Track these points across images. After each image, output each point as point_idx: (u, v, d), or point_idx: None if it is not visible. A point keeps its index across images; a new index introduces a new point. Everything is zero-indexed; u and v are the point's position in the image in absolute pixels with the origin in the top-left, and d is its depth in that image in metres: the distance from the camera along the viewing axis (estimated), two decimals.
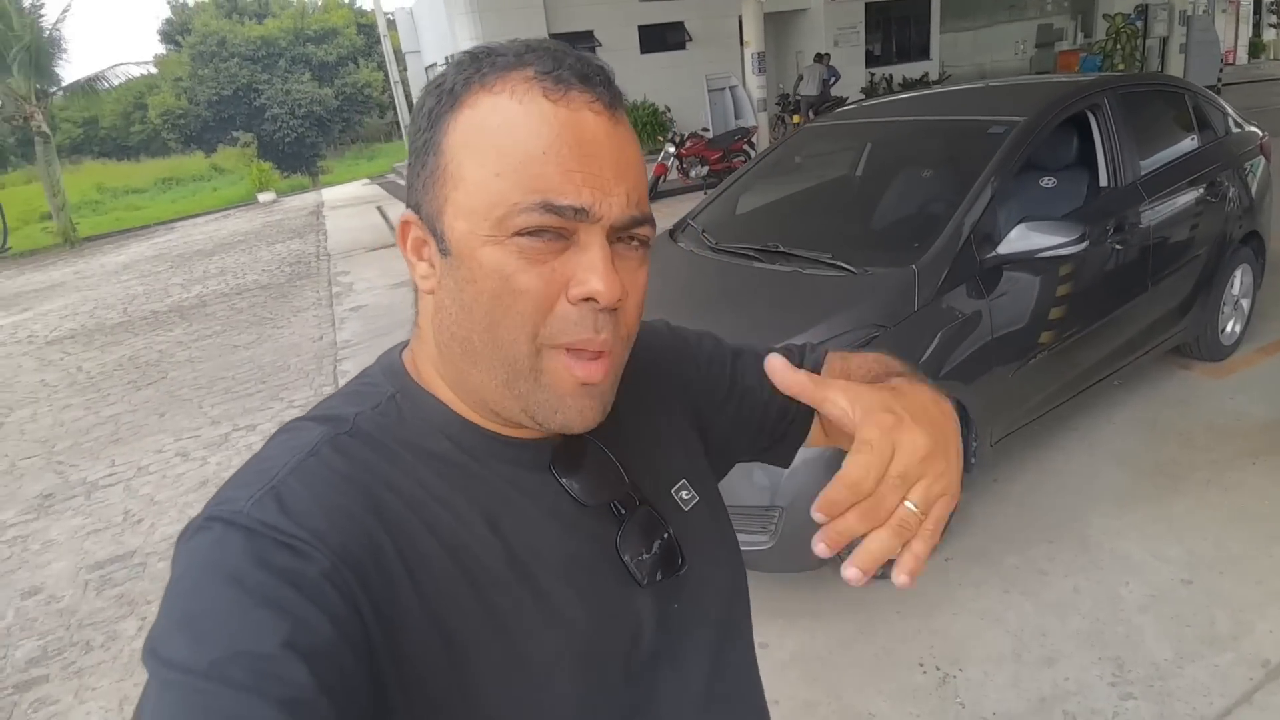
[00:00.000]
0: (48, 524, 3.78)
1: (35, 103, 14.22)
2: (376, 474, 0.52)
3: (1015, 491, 2.91)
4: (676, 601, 0.63)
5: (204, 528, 0.48)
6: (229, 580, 0.44)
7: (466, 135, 0.51)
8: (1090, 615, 2.30)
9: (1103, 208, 3.00)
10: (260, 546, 0.45)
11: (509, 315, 0.51)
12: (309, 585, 0.44)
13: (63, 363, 6.62)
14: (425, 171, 0.53)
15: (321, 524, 0.47)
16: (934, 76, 16.96)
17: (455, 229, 0.51)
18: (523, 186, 0.49)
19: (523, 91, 0.50)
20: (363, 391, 0.59)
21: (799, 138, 4.01)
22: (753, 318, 2.62)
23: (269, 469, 0.51)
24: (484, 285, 0.51)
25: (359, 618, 0.46)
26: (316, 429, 0.54)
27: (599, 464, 0.61)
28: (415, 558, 0.51)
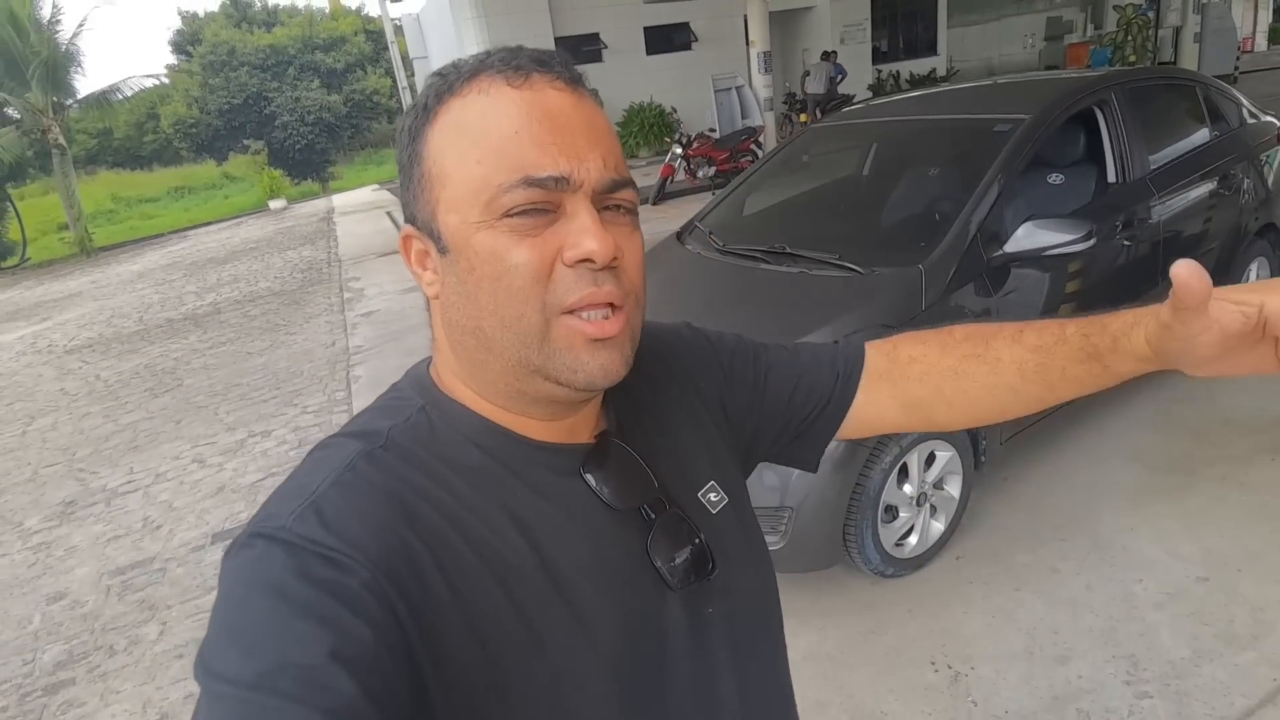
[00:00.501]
0: (70, 530, 3.84)
1: (52, 116, 14.42)
2: (411, 486, 0.54)
3: (1026, 489, 2.90)
4: (710, 606, 0.64)
5: (248, 544, 0.49)
6: (274, 594, 0.45)
7: (444, 137, 0.54)
8: (1103, 613, 2.29)
9: (1111, 204, 2.99)
10: (302, 560, 0.47)
11: (511, 291, 0.52)
12: (350, 596, 0.46)
13: (81, 371, 6.71)
14: (413, 183, 0.56)
15: (360, 536, 0.49)
16: (941, 72, 16.88)
17: (449, 224, 0.54)
18: (503, 168, 0.51)
19: (487, 86, 0.53)
20: (394, 406, 0.60)
21: (805, 138, 4.02)
22: (760, 319, 2.63)
23: (308, 484, 0.52)
24: (483, 270, 0.53)
25: (398, 625, 0.48)
26: (352, 445, 0.55)
27: (628, 467, 0.62)
28: (451, 565, 0.52)
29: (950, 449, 2.54)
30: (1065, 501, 2.81)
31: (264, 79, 27.30)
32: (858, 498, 2.34)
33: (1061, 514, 2.74)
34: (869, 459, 2.32)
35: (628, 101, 14.18)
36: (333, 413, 4.78)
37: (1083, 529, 2.65)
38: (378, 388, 3.19)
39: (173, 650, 2.79)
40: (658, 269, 3.27)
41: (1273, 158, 3.70)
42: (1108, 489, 2.84)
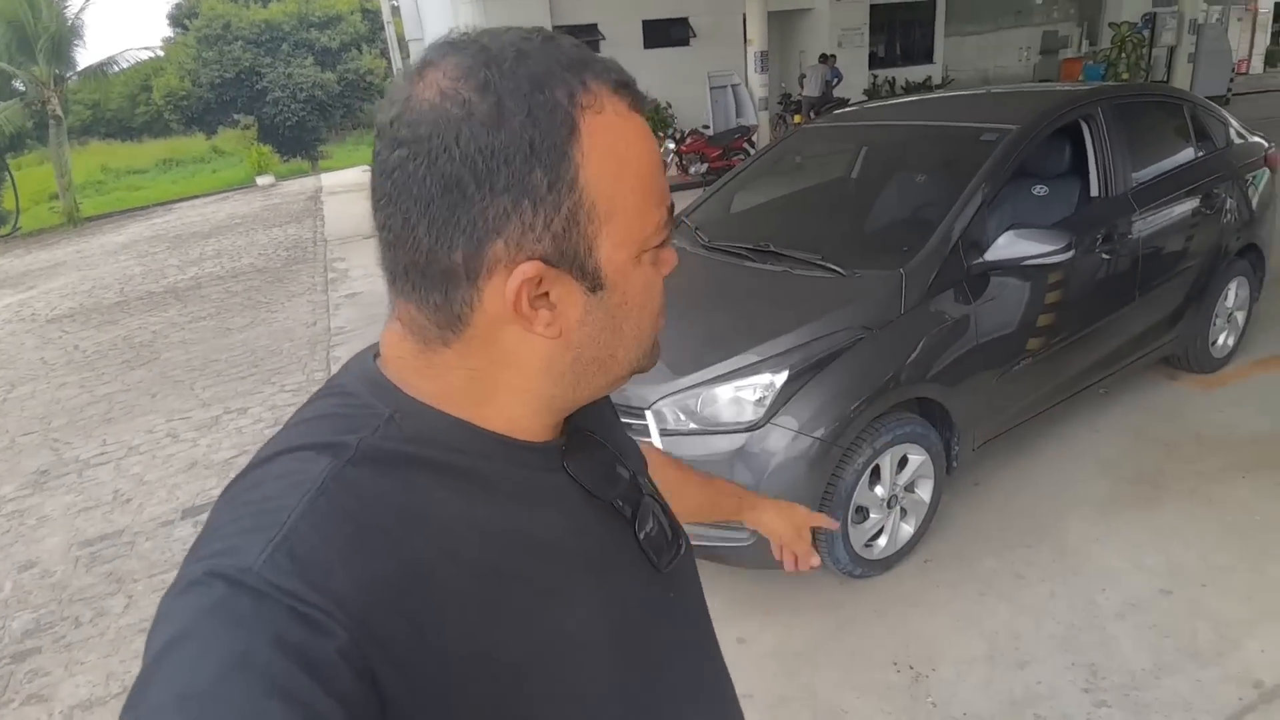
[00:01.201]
0: (43, 500, 3.81)
1: (53, 88, 14.40)
2: (392, 507, 0.49)
3: (996, 495, 2.94)
4: (675, 589, 0.66)
5: (203, 583, 0.43)
6: (236, 659, 0.39)
7: (605, 164, 0.49)
8: (1065, 620, 2.32)
9: (1092, 217, 3.02)
10: (273, 617, 0.41)
11: (652, 315, 0.56)
12: (324, 667, 0.40)
13: (61, 341, 6.64)
14: (559, 215, 0.48)
15: (342, 586, 0.43)
16: (937, 80, 16.94)
17: (614, 261, 0.51)
18: (656, 199, 0.52)
19: (619, 108, 0.50)
20: (352, 415, 0.53)
21: (795, 138, 4.03)
22: (742, 316, 2.63)
23: (275, 511, 0.46)
24: (634, 301, 0.53)
25: (375, 695, 0.43)
26: (319, 460, 0.49)
27: (605, 459, 0.62)
28: (446, 597, 0.48)
29: (923, 453, 2.56)
30: (1034, 509, 2.84)
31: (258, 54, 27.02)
32: (829, 498, 2.35)
33: (1030, 521, 2.77)
34: (841, 460, 2.34)
35: None
36: (310, 392, 4.73)
37: (1049, 537, 2.68)
38: None
39: (137, 624, 2.77)
40: None
41: (1259, 179, 3.74)
42: (1077, 498, 2.88)
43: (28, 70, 14.33)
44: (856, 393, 2.35)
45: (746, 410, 2.32)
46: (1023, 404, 2.89)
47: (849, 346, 2.39)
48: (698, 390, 2.36)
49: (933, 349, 2.53)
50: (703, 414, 2.35)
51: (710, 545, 2.35)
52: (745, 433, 2.31)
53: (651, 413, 2.38)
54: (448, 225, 0.47)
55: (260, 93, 26.96)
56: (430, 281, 0.50)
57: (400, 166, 0.47)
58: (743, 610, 2.49)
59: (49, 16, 14.33)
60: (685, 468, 1.00)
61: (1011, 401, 2.84)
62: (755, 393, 2.33)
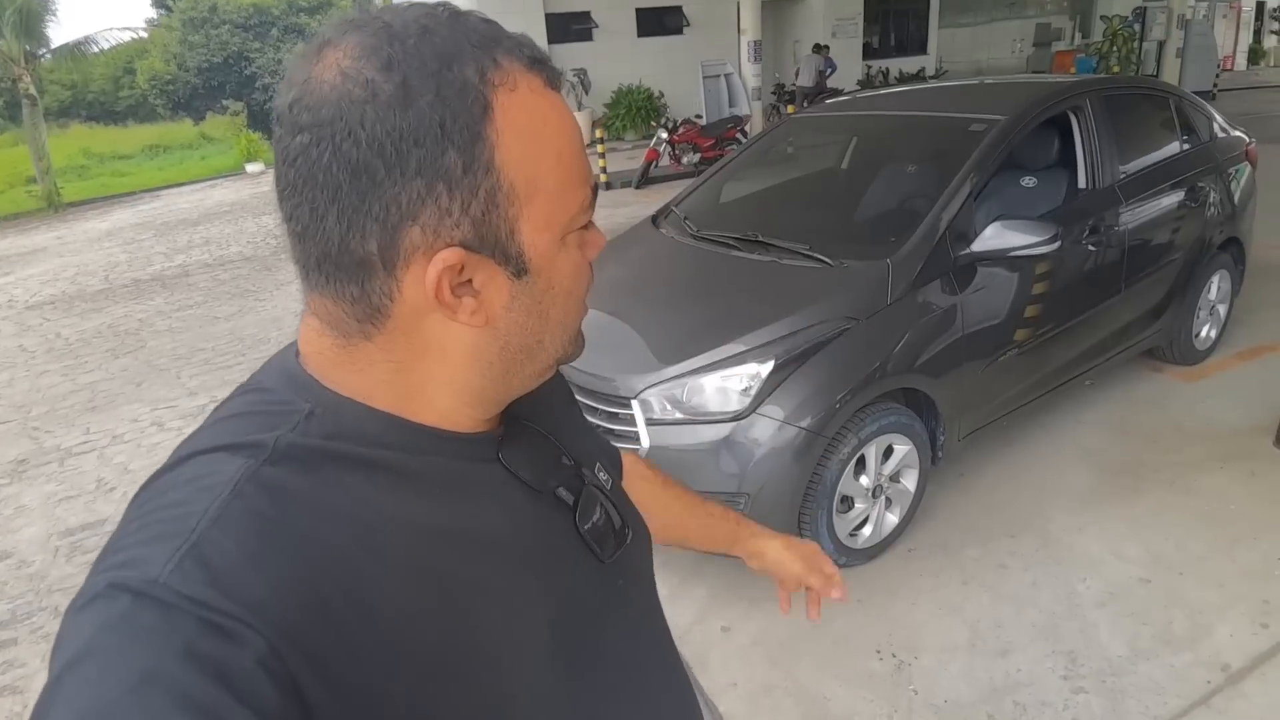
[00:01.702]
0: (21, 489, 3.76)
1: (24, 65, 13.98)
2: (312, 507, 0.46)
3: (980, 486, 2.95)
4: (622, 578, 0.64)
5: (105, 596, 0.40)
6: (142, 675, 0.36)
7: (522, 143, 0.47)
8: (1046, 609, 2.34)
9: (1079, 209, 3.03)
10: (183, 629, 0.38)
11: (577, 301, 0.54)
12: (240, 679, 0.38)
13: (42, 328, 6.55)
14: (477, 198, 0.46)
15: (256, 591, 0.40)
16: (931, 71, 16.95)
17: (538, 244, 0.49)
18: (577, 178, 0.51)
19: (535, 83, 0.48)
20: (269, 411, 0.50)
21: (785, 128, 4.02)
22: (729, 306, 2.63)
23: (184, 517, 0.43)
24: (561, 286, 0.52)
25: (299, 702, 0.40)
26: (233, 461, 0.46)
27: (543, 448, 0.60)
28: (372, 597, 0.45)
29: (908, 443, 2.57)
30: (1017, 499, 2.86)
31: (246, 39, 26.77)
32: (814, 487, 2.36)
33: (1013, 511, 2.79)
34: (827, 449, 2.35)
35: (616, 83, 14.08)
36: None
37: (1033, 527, 2.70)
38: None
39: None
40: (630, 251, 3.26)
41: (1240, 173, 3.77)
42: (1059, 489, 2.90)
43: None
44: (842, 383, 2.36)
45: (732, 400, 2.32)
46: (1008, 395, 2.90)
47: (835, 336, 2.39)
48: (684, 380, 2.36)
49: (919, 339, 2.53)
50: (689, 403, 2.35)
51: None
52: (731, 422, 2.31)
53: (638, 402, 2.37)
54: (359, 213, 0.45)
55: (249, 78, 26.73)
56: (345, 273, 0.47)
57: (303, 153, 0.45)
58: (727, 599, 2.49)
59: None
60: (676, 485, 0.96)
61: (997, 393, 2.85)
62: (741, 382, 2.33)
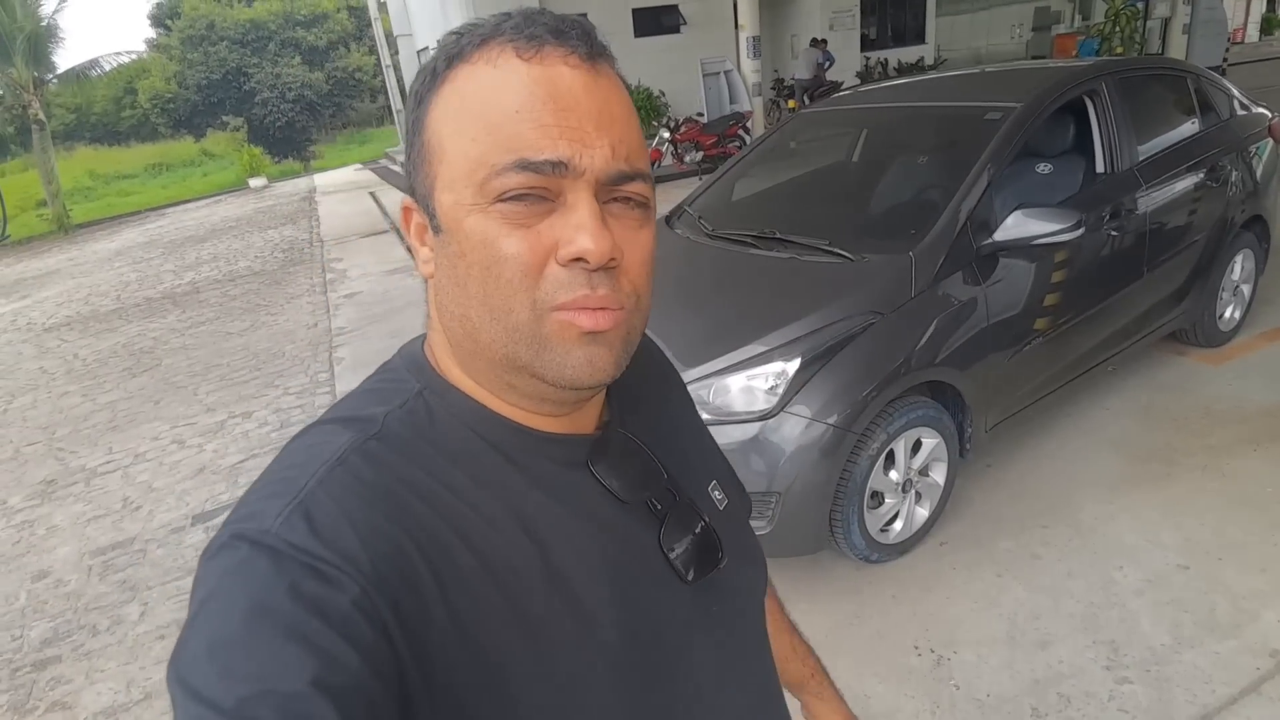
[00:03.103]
0: (51, 510, 3.80)
1: (33, 91, 14.13)
2: (408, 482, 0.50)
3: (1010, 477, 2.93)
4: (716, 603, 0.62)
5: (229, 545, 0.45)
6: (257, 610, 0.42)
7: (446, 107, 0.50)
8: (1084, 599, 2.32)
9: (1099, 194, 3.00)
10: (289, 572, 0.43)
11: (499, 284, 0.49)
12: (338, 616, 0.43)
13: (60, 350, 6.60)
14: (414, 152, 0.53)
15: (352, 544, 0.45)
16: (930, 61, 16.88)
17: (443, 203, 0.50)
18: (499, 147, 0.48)
19: (496, 55, 0.50)
20: (388, 389, 0.56)
21: (795, 124, 4.00)
22: (750, 305, 2.62)
23: (295, 479, 0.48)
24: (473, 257, 0.49)
25: (389, 645, 0.44)
26: (344, 434, 0.51)
27: (635, 458, 0.59)
28: (448, 573, 0.48)
29: (936, 436, 2.55)
30: (1048, 489, 2.84)
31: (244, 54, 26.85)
32: (844, 484, 2.35)
33: (1044, 501, 2.77)
34: (856, 446, 2.33)
35: None
36: (315, 394, 4.73)
37: (1064, 516, 2.68)
38: (360, 369, 3.17)
39: (154, 631, 2.76)
40: None
41: (1262, 149, 3.70)
42: (1090, 477, 2.88)
43: (4, 73, 14.01)
44: (869, 378, 2.34)
45: (759, 399, 2.31)
46: (1034, 384, 2.88)
47: (860, 332, 2.37)
48: (709, 380, 2.35)
49: (944, 332, 2.51)
50: (715, 404, 2.34)
51: None
52: (759, 421, 2.30)
53: None
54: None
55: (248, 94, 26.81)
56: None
57: None
58: None
59: (24, 16, 13.97)
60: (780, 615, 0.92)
61: (1023, 382, 2.83)
62: (768, 381, 2.31)
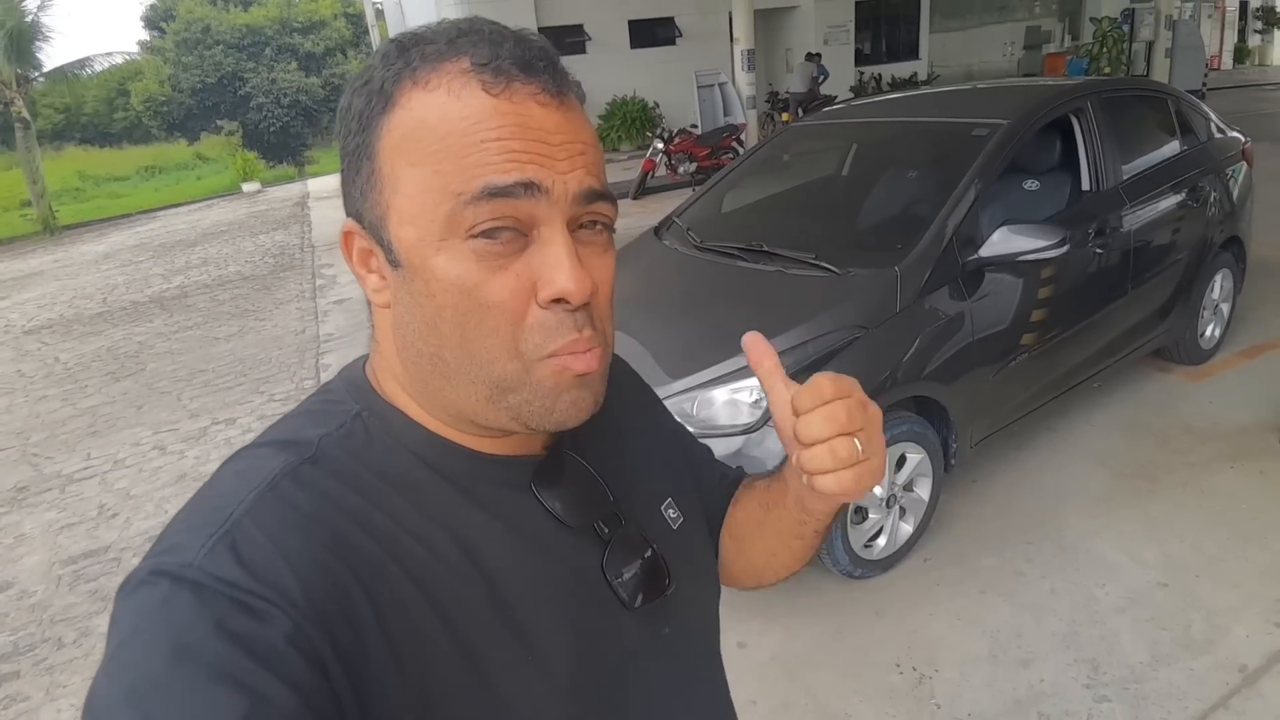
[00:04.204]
0: (21, 517, 3.73)
1: (15, 88, 13.97)
2: (344, 509, 0.47)
3: (994, 492, 2.93)
4: (667, 626, 0.60)
5: (148, 581, 0.43)
6: (180, 651, 0.39)
7: (403, 136, 0.47)
8: (1066, 617, 2.31)
9: (1084, 211, 3.02)
10: (214, 607, 0.41)
11: (482, 333, 0.47)
12: (269, 653, 0.40)
13: (40, 353, 6.52)
14: (361, 178, 0.50)
15: (284, 575, 0.43)
16: (923, 76, 17.02)
17: (403, 237, 0.48)
18: (464, 174, 0.45)
19: (459, 86, 0.46)
20: (325, 410, 0.54)
21: (785, 136, 4.01)
22: (735, 317, 2.61)
23: (221, 508, 0.46)
24: (445, 299, 0.47)
25: (326, 681, 0.42)
26: (275, 457, 0.49)
27: (582, 481, 0.58)
28: (387, 604, 0.46)
29: (921, 451, 2.54)
30: (1032, 505, 2.83)
31: (239, 59, 26.81)
32: None
33: (1028, 517, 2.77)
34: None
35: (610, 95, 14.11)
36: (300, 401, 4.68)
37: (1048, 533, 2.68)
38: None
39: None
40: (634, 264, 3.24)
41: (1237, 172, 3.77)
42: (1074, 493, 2.88)
43: None
44: None
45: (743, 412, 2.30)
46: (1019, 400, 2.88)
47: (845, 346, 2.37)
48: (693, 393, 2.34)
49: (929, 346, 2.51)
50: (699, 417, 2.33)
51: None
52: (742, 435, 2.28)
53: None
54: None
55: (244, 98, 26.76)
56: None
57: None
58: (742, 614, 2.46)
59: (4, 11, 13.65)
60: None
61: (1008, 398, 2.83)
62: (751, 395, 2.30)
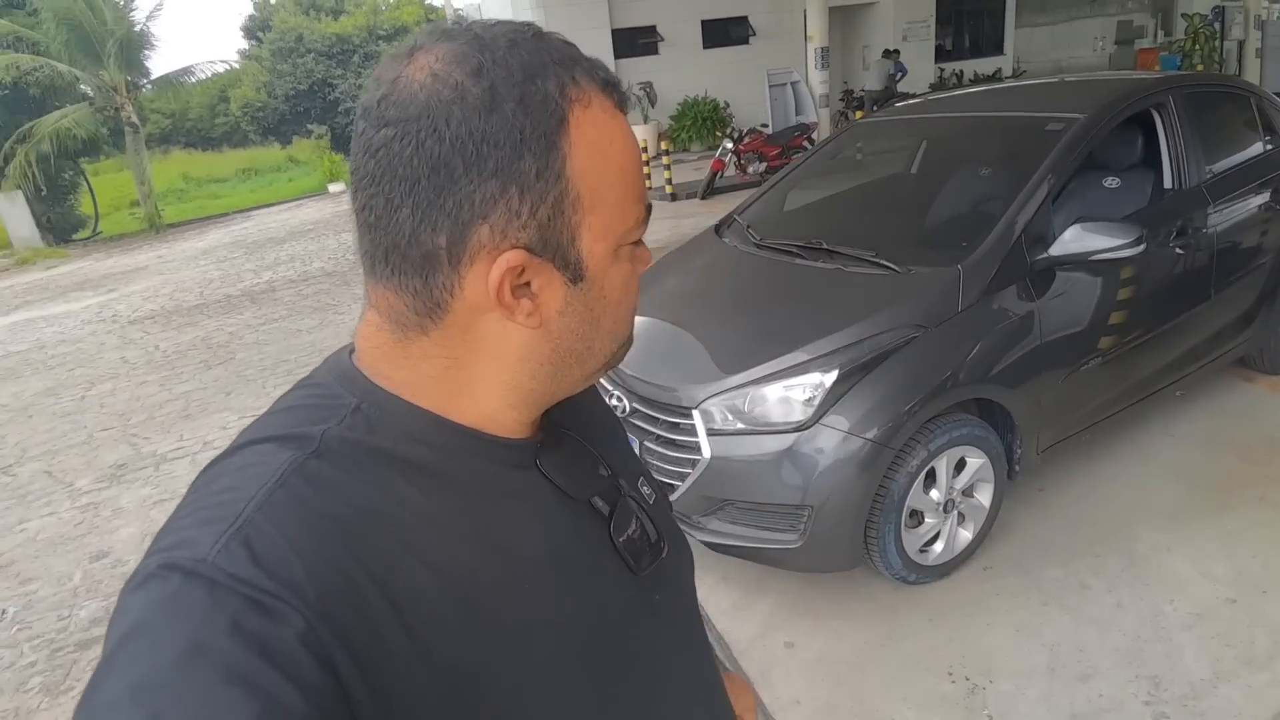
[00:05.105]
0: (119, 492, 4.01)
1: (125, 94, 14.91)
2: (353, 501, 0.47)
3: (1062, 502, 2.82)
4: (657, 592, 0.64)
5: (158, 575, 0.42)
6: (191, 648, 0.38)
7: (590, 156, 0.49)
8: (1131, 632, 2.22)
9: (1165, 210, 2.87)
10: (228, 606, 0.40)
11: (628, 310, 0.57)
12: (281, 654, 0.40)
13: (142, 341, 6.98)
14: (545, 203, 0.48)
15: (296, 573, 0.42)
16: (1007, 72, 16.40)
17: (596, 252, 0.52)
18: (637, 197, 0.54)
19: (607, 104, 0.52)
20: (320, 405, 0.53)
21: (850, 133, 3.95)
22: (792, 314, 2.60)
23: (231, 503, 0.45)
24: (613, 295, 0.55)
25: (337, 683, 0.42)
26: (280, 453, 0.48)
27: (581, 457, 0.61)
28: (402, 593, 0.46)
29: (982, 456, 2.48)
30: (1102, 516, 2.72)
31: (329, 66, 27.96)
32: (881, 500, 2.30)
33: (1097, 529, 2.66)
34: (894, 462, 2.28)
35: (682, 95, 14.13)
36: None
37: (1118, 546, 2.56)
38: None
39: None
40: (692, 260, 3.26)
41: None
42: (1147, 506, 2.74)
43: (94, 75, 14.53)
44: (910, 393, 2.29)
45: (795, 410, 2.29)
46: (1091, 407, 2.77)
47: (902, 345, 2.33)
48: (745, 389, 2.34)
49: (993, 348, 2.44)
50: (751, 414, 2.33)
51: (758, 547, 2.33)
52: (794, 433, 2.27)
53: (699, 412, 2.37)
54: (433, 207, 0.47)
55: (332, 103, 27.90)
56: (411, 265, 0.49)
57: (386, 146, 0.47)
58: (791, 614, 2.45)
59: (114, 20, 14.47)
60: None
61: (1079, 404, 2.72)
62: (804, 392, 2.29)
